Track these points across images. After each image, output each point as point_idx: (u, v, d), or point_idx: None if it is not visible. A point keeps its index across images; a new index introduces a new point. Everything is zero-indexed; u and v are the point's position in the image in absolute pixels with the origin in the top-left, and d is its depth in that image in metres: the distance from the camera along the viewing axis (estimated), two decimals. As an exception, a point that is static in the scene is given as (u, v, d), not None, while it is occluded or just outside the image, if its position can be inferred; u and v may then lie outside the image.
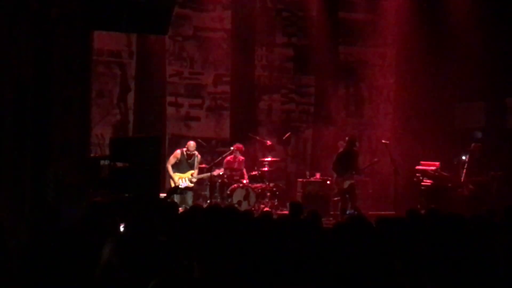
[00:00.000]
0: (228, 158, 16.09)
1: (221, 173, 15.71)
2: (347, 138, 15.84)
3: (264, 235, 6.41)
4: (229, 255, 5.25)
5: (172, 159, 15.42)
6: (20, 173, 9.70)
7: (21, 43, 9.77)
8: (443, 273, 5.67)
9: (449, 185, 15.57)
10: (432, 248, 6.24)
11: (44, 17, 9.96)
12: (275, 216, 9.02)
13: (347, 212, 14.70)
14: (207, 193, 15.82)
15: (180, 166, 15.39)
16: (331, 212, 15.82)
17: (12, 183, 9.60)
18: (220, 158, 16.19)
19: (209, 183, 15.70)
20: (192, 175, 15.35)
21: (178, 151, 15.52)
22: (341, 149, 15.77)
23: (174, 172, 15.31)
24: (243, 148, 16.13)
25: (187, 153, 15.40)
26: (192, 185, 15.37)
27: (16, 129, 9.72)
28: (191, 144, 15.46)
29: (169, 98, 17.42)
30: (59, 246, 4.97)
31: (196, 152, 15.42)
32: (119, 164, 12.02)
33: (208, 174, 15.58)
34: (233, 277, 5.01)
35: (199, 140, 15.82)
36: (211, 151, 17.11)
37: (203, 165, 15.70)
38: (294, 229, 7.09)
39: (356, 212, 14.23)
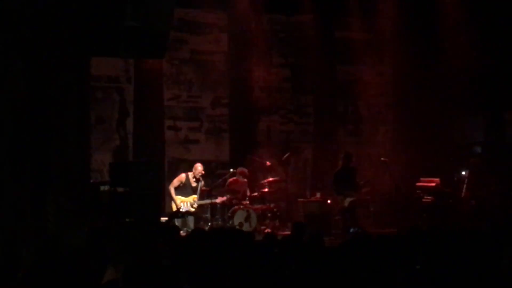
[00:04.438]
0: (231, 180, 16.07)
1: (224, 200, 15.67)
2: (342, 156, 15.84)
3: (267, 257, 6.39)
4: (231, 278, 5.24)
5: (175, 182, 15.37)
6: (20, 200, 9.69)
7: (18, 71, 9.78)
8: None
9: (450, 201, 15.55)
10: (435, 265, 6.22)
11: (41, 44, 9.99)
12: (278, 237, 9.00)
13: (351, 230, 14.66)
14: (208, 215, 15.76)
15: (184, 190, 15.35)
16: (333, 231, 15.76)
17: (13, 211, 9.59)
18: (220, 180, 16.17)
19: (210, 206, 15.65)
20: (194, 200, 15.30)
21: (183, 175, 15.47)
22: (338, 168, 15.77)
23: (176, 195, 15.27)
24: (247, 173, 16.14)
25: (194, 177, 15.36)
26: (193, 210, 15.30)
27: (16, 157, 9.72)
28: (199, 167, 15.41)
29: (168, 122, 17.38)
30: (61, 272, 4.96)
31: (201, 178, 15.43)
32: (119, 189, 12.02)
33: (209, 201, 15.52)
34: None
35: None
36: (211, 174, 17.06)
37: (203, 188, 15.64)
38: (297, 250, 7.08)
39: (360, 230, 14.19)
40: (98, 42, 10.50)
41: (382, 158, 16.33)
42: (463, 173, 15.90)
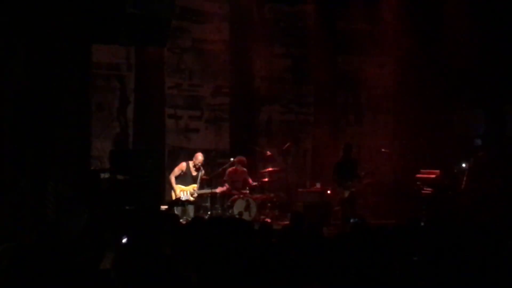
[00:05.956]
0: (230, 169, 16.06)
1: (223, 190, 15.69)
2: (342, 147, 15.83)
3: (265, 246, 6.40)
4: (230, 266, 5.24)
5: (176, 171, 15.38)
6: (20, 186, 9.70)
7: (19, 57, 9.78)
8: (444, 281, 5.66)
9: (450, 193, 15.55)
10: (433, 256, 6.23)
11: (42, 30, 9.98)
12: (277, 227, 9.01)
13: (351, 220, 14.65)
14: (208, 204, 15.78)
15: (184, 179, 15.35)
16: (332, 222, 15.78)
17: (13, 197, 9.60)
18: (220, 169, 16.15)
19: (210, 195, 15.66)
20: (194, 189, 15.31)
21: (183, 164, 15.47)
22: (338, 159, 15.77)
23: (177, 183, 15.27)
24: (245, 160, 16.08)
25: (194, 166, 15.36)
26: (193, 199, 15.30)
27: (16, 143, 9.73)
28: (199, 156, 15.41)
29: (168, 110, 17.36)
30: (60, 258, 4.96)
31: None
32: (120, 177, 12.03)
33: (209, 190, 15.53)
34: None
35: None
36: (211, 163, 17.06)
37: (203, 177, 15.64)
38: (296, 240, 7.09)
39: (359, 221, 14.18)
40: (99, 29, 10.49)
41: (383, 149, 16.32)
42: (463, 165, 15.89)
